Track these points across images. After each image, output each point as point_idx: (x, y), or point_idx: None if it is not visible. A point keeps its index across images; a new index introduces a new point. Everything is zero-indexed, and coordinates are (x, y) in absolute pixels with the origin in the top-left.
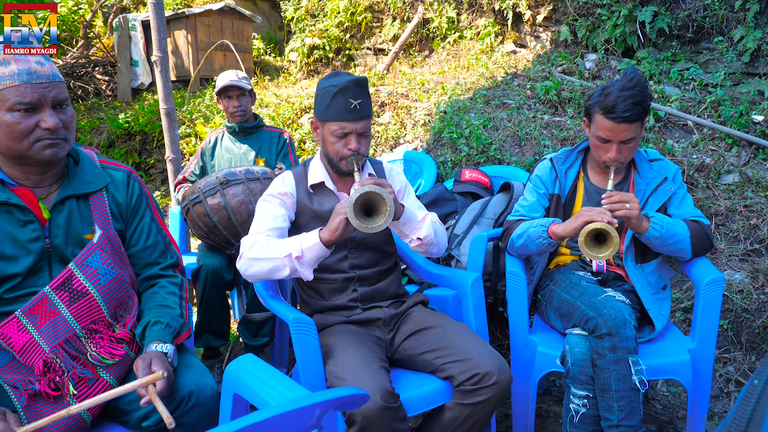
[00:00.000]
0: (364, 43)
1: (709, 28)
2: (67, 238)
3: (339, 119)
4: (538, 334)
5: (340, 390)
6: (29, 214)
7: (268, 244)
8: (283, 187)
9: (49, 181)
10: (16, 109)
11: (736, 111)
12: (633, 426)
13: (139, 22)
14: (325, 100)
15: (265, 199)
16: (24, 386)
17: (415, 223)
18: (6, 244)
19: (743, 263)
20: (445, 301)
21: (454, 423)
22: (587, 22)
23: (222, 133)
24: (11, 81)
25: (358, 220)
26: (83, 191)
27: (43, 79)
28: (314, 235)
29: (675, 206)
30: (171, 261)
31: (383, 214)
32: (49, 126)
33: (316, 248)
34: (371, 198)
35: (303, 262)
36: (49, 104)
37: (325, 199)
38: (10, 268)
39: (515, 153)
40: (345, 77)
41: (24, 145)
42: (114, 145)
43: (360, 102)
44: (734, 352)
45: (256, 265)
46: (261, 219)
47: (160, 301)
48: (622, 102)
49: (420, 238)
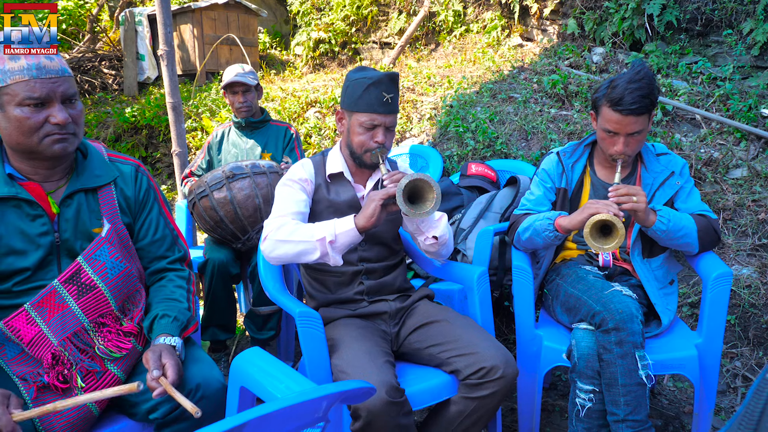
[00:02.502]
0: (370, 36)
1: (718, 21)
2: (76, 232)
3: (370, 111)
4: (544, 329)
5: (347, 383)
6: (38, 209)
7: (296, 227)
8: (304, 173)
9: (58, 176)
10: (26, 104)
11: (745, 105)
12: (639, 421)
13: (145, 16)
14: (357, 91)
15: (285, 183)
16: (33, 378)
17: (431, 221)
18: (16, 238)
19: (751, 258)
20: (451, 296)
21: (460, 417)
22: (595, 15)
23: (229, 128)
24: (21, 76)
25: (406, 205)
26: (92, 185)
27: (52, 74)
28: (349, 221)
29: (682, 200)
30: (179, 255)
31: (430, 201)
32: (59, 121)
33: (350, 234)
34: (418, 185)
35: (335, 246)
36: (58, 99)
37: (341, 189)
38: (19, 263)
39: (522, 147)
40: (377, 71)
41: (33, 140)
42: (120, 139)
43: (392, 96)
44: (741, 348)
45: (284, 247)
46: (284, 202)
47: (167, 294)
48: (630, 94)
49: (436, 237)
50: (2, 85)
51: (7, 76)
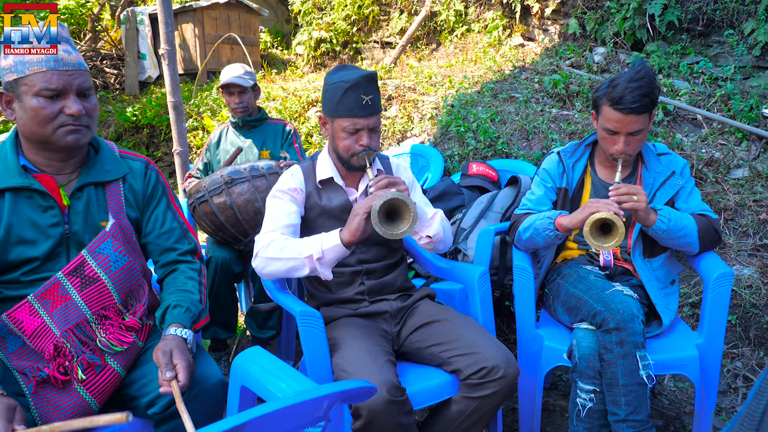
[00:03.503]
0: (371, 36)
1: (719, 21)
2: (86, 224)
3: (351, 115)
4: (544, 329)
5: (348, 383)
6: (50, 200)
7: (285, 244)
8: (293, 183)
9: (70, 169)
10: (43, 94)
11: (747, 105)
12: (640, 421)
13: (146, 15)
14: (336, 95)
15: (275, 195)
16: (32, 373)
17: (425, 221)
18: (27, 228)
19: (752, 258)
20: (452, 295)
21: (461, 416)
22: (596, 15)
23: (227, 128)
24: (39, 67)
25: (383, 226)
26: (102, 179)
27: (70, 66)
28: (335, 236)
29: (683, 200)
30: (189, 247)
31: (407, 219)
32: (73, 112)
33: (336, 249)
34: (394, 204)
35: (323, 262)
36: (73, 91)
37: (333, 194)
38: (29, 252)
39: (523, 147)
40: (354, 72)
41: (48, 130)
42: (122, 138)
43: (371, 98)
44: (742, 348)
45: (274, 264)
46: (274, 216)
47: (180, 285)
48: (630, 93)
49: (429, 236)
50: (21, 75)
51: (26, 67)
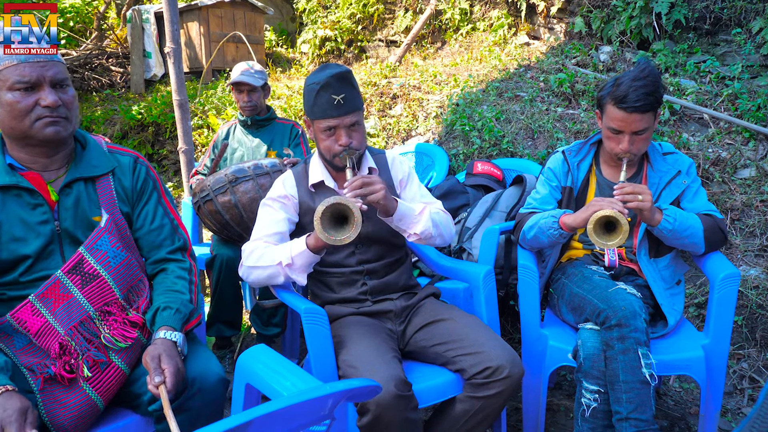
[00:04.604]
0: (376, 34)
1: (727, 20)
2: (76, 220)
3: (325, 116)
4: (549, 328)
5: (353, 381)
6: (38, 197)
7: (263, 252)
8: (283, 190)
9: (57, 165)
10: (16, 87)
11: (754, 104)
12: (644, 420)
13: (152, 13)
14: (310, 98)
15: (266, 203)
16: (39, 369)
17: (411, 218)
18: (17, 226)
19: (759, 258)
20: (457, 294)
21: (465, 416)
22: (602, 13)
23: (234, 125)
24: (10, 61)
25: (326, 233)
26: (90, 174)
27: (41, 58)
28: (302, 242)
29: (688, 200)
30: (178, 244)
31: (351, 224)
32: (48, 103)
33: (304, 255)
34: (340, 208)
35: (294, 268)
36: (47, 83)
37: (326, 197)
38: (20, 249)
39: (528, 146)
40: (327, 72)
41: (26, 124)
42: (127, 136)
43: (343, 96)
44: (748, 349)
45: (255, 272)
46: (260, 225)
47: (169, 285)
48: (634, 92)
49: (417, 233)
50: None
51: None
